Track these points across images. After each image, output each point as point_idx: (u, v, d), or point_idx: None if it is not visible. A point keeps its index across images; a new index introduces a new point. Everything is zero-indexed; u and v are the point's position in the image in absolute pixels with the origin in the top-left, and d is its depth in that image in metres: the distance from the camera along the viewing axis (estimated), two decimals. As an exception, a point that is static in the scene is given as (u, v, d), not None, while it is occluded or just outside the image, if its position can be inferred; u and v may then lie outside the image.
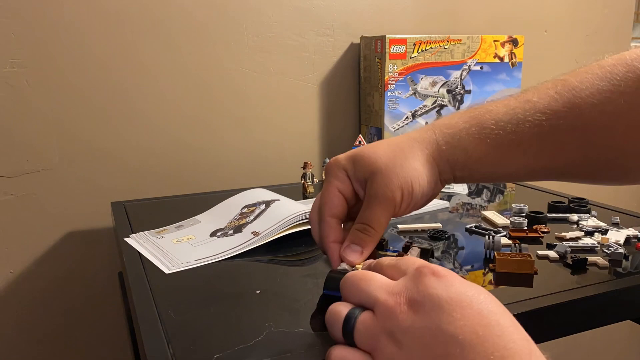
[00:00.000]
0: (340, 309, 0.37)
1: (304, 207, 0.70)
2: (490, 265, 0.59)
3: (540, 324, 0.49)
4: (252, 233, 0.67)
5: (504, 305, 0.49)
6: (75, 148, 0.93)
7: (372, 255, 0.49)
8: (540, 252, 0.62)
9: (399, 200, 0.47)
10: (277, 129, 1.06)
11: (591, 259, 0.59)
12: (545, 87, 0.51)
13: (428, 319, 0.31)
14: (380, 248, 0.51)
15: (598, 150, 0.48)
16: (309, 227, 0.69)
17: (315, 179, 0.94)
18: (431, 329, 0.31)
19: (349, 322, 0.35)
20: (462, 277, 0.35)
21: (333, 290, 0.45)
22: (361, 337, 0.34)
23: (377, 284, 0.36)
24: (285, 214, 0.68)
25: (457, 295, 0.32)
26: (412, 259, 0.38)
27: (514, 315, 0.47)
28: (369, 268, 0.41)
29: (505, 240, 0.65)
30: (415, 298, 0.33)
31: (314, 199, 0.89)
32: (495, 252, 0.59)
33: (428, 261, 0.54)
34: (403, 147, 0.49)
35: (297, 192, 0.93)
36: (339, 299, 0.40)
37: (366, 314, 0.35)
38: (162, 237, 0.69)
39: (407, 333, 0.32)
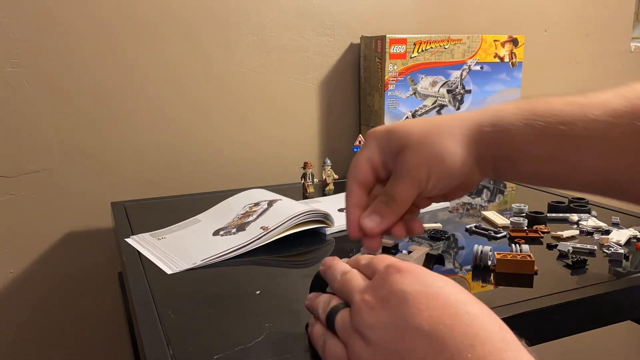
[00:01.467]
0: (328, 300, 0.39)
1: (307, 207, 0.70)
2: (491, 265, 0.59)
3: (541, 324, 0.49)
4: (261, 228, 0.67)
5: (505, 305, 0.49)
6: (75, 148, 0.93)
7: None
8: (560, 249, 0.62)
9: (425, 178, 0.45)
10: (277, 129, 1.06)
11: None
12: (608, 89, 0.45)
13: (393, 314, 0.32)
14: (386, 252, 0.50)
15: None
16: (311, 227, 0.69)
17: (315, 179, 0.94)
18: (396, 324, 0.31)
19: (331, 315, 0.37)
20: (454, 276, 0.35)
21: (322, 290, 0.46)
22: (338, 331, 0.36)
23: (354, 283, 0.37)
24: (292, 210, 0.68)
25: (422, 288, 0.32)
26: (384, 258, 0.38)
27: (514, 316, 0.47)
28: (351, 265, 0.42)
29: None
30: (382, 295, 0.33)
31: (314, 199, 0.89)
32: (495, 253, 0.59)
33: (432, 267, 0.54)
34: (440, 125, 0.46)
35: (297, 192, 0.93)
36: None
37: (345, 311, 0.36)
38: (164, 238, 0.69)
39: (373, 329, 0.32)
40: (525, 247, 0.62)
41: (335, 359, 0.36)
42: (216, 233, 0.69)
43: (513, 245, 0.63)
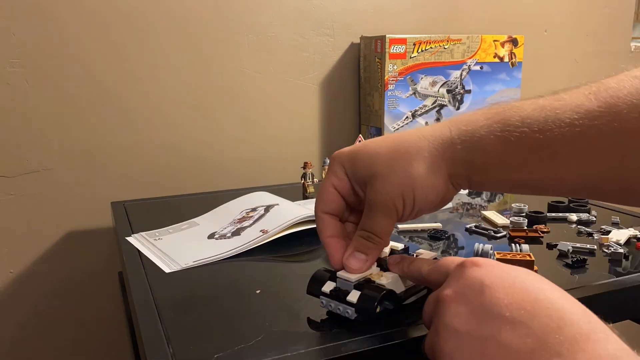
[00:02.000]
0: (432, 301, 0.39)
1: (304, 210, 0.70)
2: None
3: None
4: (260, 231, 0.67)
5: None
6: (75, 148, 0.93)
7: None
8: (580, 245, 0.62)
9: (401, 208, 0.44)
10: (277, 129, 1.06)
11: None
12: (578, 88, 0.44)
13: (473, 304, 0.32)
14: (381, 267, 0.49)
15: (638, 158, 0.40)
16: (309, 226, 0.69)
17: (315, 179, 0.94)
18: (476, 313, 0.32)
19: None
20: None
21: (315, 295, 0.47)
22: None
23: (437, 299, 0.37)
24: (288, 217, 0.68)
25: (498, 277, 0.33)
26: (451, 259, 0.39)
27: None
28: (408, 275, 0.43)
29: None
30: (460, 291, 0.34)
31: (312, 199, 0.89)
32: (495, 252, 0.59)
33: None
34: (408, 147, 0.44)
35: (297, 192, 0.93)
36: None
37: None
38: (161, 239, 0.69)
39: (454, 319, 0.33)
40: (525, 246, 0.62)
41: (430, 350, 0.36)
42: (211, 236, 0.69)
43: (513, 244, 0.63)
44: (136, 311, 0.50)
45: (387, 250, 0.52)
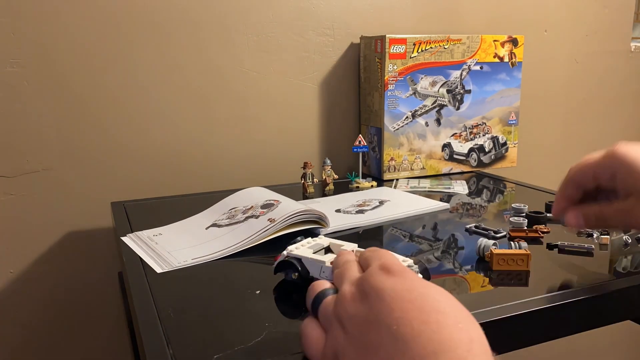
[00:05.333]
0: (320, 285, 0.40)
1: (302, 206, 0.70)
2: (487, 255, 0.59)
3: (540, 324, 0.49)
4: (268, 220, 0.67)
5: (504, 305, 0.49)
6: (75, 148, 0.93)
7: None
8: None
9: None
10: (277, 129, 1.06)
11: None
12: None
13: (369, 309, 0.33)
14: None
15: None
16: (306, 227, 0.69)
17: (315, 179, 0.94)
18: (369, 319, 0.33)
19: (317, 299, 0.39)
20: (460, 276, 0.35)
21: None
22: (321, 317, 0.38)
23: (349, 273, 0.39)
24: (289, 209, 0.68)
25: (402, 291, 0.33)
26: (381, 255, 0.39)
27: (514, 316, 0.47)
28: (356, 253, 0.44)
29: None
30: (365, 290, 0.35)
31: (313, 199, 0.89)
32: (492, 249, 0.59)
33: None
34: None
35: (297, 192, 0.93)
36: None
37: (330, 298, 0.38)
38: (161, 234, 0.70)
39: (351, 320, 0.34)
40: (524, 244, 0.62)
41: (311, 342, 0.37)
42: (208, 227, 0.70)
43: (512, 243, 0.63)
44: (136, 311, 0.50)
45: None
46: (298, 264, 0.51)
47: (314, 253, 0.51)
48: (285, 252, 0.53)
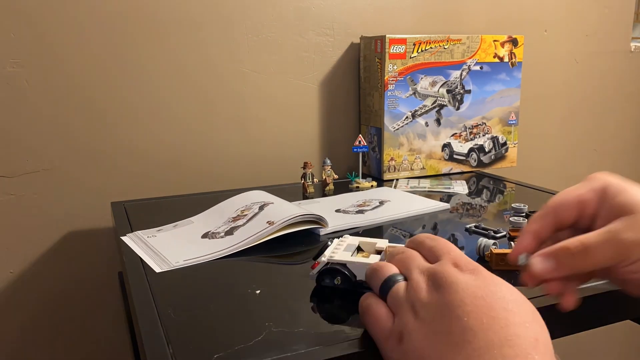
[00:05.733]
0: (388, 269, 0.42)
1: (299, 209, 0.70)
2: (487, 254, 0.59)
3: (540, 323, 0.49)
4: (267, 222, 0.67)
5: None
6: (75, 148, 0.93)
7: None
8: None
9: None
10: (277, 129, 1.06)
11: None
12: None
13: (442, 300, 0.35)
14: None
15: None
16: (305, 227, 0.69)
17: (315, 179, 0.94)
18: (441, 308, 0.35)
19: (387, 282, 0.40)
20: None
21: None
22: (391, 299, 0.39)
23: (416, 261, 0.41)
24: (284, 214, 0.68)
25: (474, 288, 0.35)
26: (449, 248, 0.40)
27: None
28: (411, 242, 0.44)
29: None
30: (438, 282, 0.37)
31: (313, 199, 0.89)
32: (492, 248, 0.59)
33: None
34: None
35: (297, 192, 0.93)
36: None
37: (402, 283, 0.40)
38: (155, 236, 0.70)
39: (424, 307, 0.36)
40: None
41: (378, 321, 0.39)
42: (204, 236, 0.69)
43: (512, 243, 0.63)
44: (136, 311, 0.50)
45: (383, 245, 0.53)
46: (344, 269, 0.50)
47: (351, 255, 0.51)
48: (324, 259, 0.51)
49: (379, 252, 0.53)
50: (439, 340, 0.34)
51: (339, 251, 0.52)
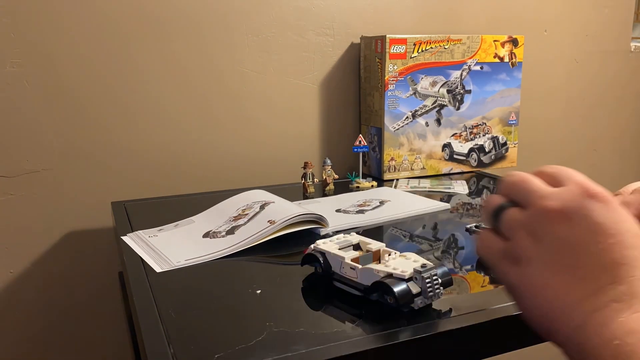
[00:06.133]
0: (496, 200, 0.39)
1: (300, 209, 0.70)
2: None
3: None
4: (268, 221, 0.67)
5: (504, 305, 0.49)
6: (75, 148, 0.93)
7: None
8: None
9: None
10: (277, 129, 1.06)
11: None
12: None
13: (573, 233, 0.34)
14: None
15: None
16: (306, 227, 0.69)
17: (315, 179, 0.94)
18: (571, 241, 0.34)
19: (498, 211, 0.38)
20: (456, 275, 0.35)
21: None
22: (505, 224, 0.37)
23: (535, 186, 0.37)
24: (285, 213, 0.68)
25: (609, 223, 0.33)
26: (575, 175, 0.37)
27: (513, 316, 0.47)
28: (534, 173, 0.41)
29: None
30: (570, 213, 0.34)
31: (313, 199, 0.89)
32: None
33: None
34: None
35: (297, 192, 0.93)
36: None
37: (515, 209, 0.37)
38: (156, 236, 0.70)
39: (550, 234, 0.34)
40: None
41: (483, 241, 0.38)
42: (206, 235, 0.70)
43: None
44: (136, 311, 0.50)
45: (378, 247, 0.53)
46: (321, 257, 0.53)
47: (339, 249, 0.53)
48: (312, 245, 0.54)
49: (369, 252, 0.53)
50: (566, 272, 0.33)
51: (331, 243, 0.54)
